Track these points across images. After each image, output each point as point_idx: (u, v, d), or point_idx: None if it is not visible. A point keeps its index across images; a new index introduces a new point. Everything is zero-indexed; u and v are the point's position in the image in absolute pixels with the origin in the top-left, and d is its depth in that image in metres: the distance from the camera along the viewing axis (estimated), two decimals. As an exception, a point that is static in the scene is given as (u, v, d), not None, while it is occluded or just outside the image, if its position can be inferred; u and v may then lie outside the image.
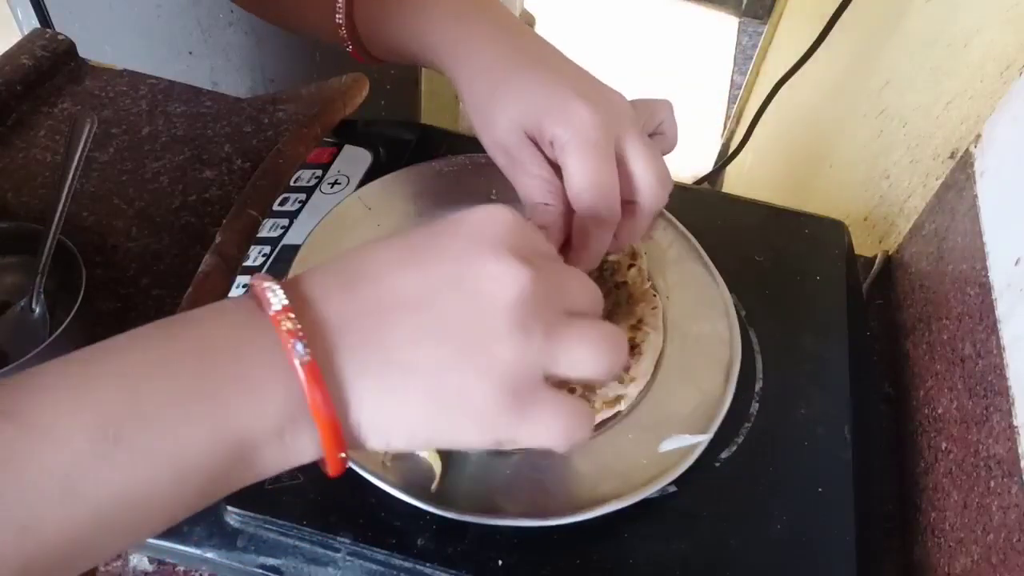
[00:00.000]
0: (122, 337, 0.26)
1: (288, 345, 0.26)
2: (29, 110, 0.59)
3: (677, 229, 0.53)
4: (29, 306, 0.46)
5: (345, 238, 0.49)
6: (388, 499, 0.38)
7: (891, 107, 0.79)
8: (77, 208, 0.53)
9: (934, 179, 0.62)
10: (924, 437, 0.50)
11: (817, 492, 0.42)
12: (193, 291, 0.45)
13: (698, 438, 0.41)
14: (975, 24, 0.63)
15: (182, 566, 0.41)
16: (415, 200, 0.52)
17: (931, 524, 0.46)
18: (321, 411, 0.26)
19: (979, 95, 0.59)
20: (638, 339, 0.44)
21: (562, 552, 0.38)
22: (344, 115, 0.59)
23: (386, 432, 0.28)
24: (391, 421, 0.28)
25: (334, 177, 0.57)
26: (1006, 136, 0.50)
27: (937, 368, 0.51)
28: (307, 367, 0.25)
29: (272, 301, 0.26)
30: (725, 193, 0.72)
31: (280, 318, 0.26)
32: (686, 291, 0.49)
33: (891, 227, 0.69)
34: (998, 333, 0.44)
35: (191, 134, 0.60)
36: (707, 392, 0.44)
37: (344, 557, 0.39)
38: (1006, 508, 0.39)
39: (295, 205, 0.55)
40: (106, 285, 0.50)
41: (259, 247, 0.52)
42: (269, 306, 0.26)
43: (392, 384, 0.27)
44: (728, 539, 0.40)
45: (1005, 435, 0.40)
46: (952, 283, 0.52)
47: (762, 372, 0.47)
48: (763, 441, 0.44)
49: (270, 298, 0.26)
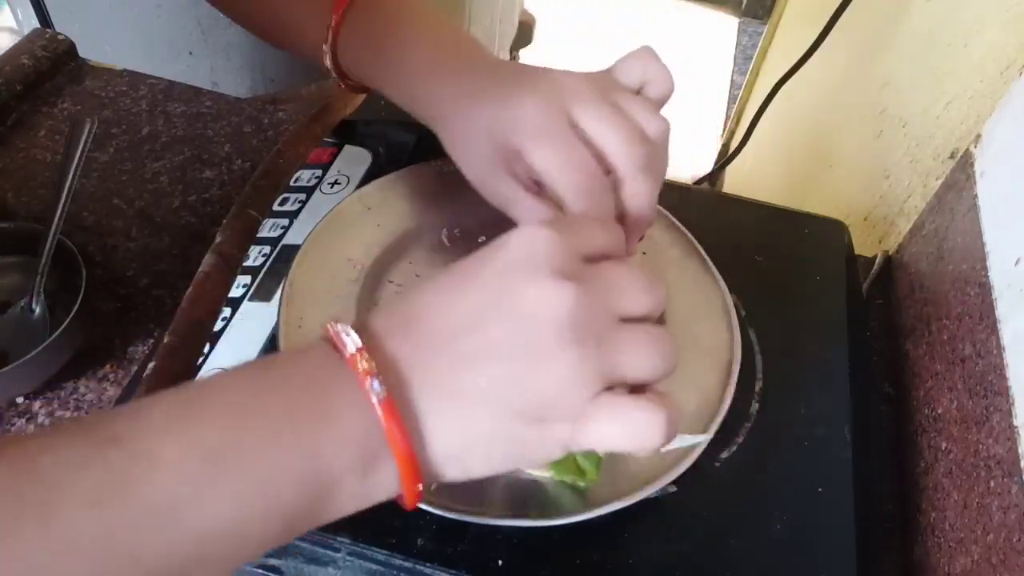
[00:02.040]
0: (222, 374, 0.28)
1: (365, 384, 0.27)
2: (29, 110, 0.60)
3: (677, 229, 0.53)
4: (29, 306, 0.46)
5: (345, 238, 0.49)
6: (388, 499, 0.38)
7: (891, 107, 0.79)
8: (77, 208, 0.54)
9: (934, 179, 0.62)
10: (924, 437, 0.50)
11: (817, 492, 0.42)
12: (193, 291, 0.45)
13: (698, 438, 0.41)
14: (975, 24, 0.63)
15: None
16: (415, 200, 0.52)
17: (931, 524, 0.46)
18: (399, 444, 0.27)
19: (979, 95, 0.59)
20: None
21: (562, 552, 0.38)
22: (344, 115, 0.59)
23: (461, 459, 0.29)
24: (463, 448, 0.29)
25: (334, 177, 0.57)
26: (1006, 136, 0.50)
27: (937, 368, 0.51)
28: (384, 403, 0.27)
29: (347, 343, 0.28)
30: (725, 193, 0.72)
31: (356, 358, 0.27)
32: (686, 291, 0.49)
33: (891, 227, 0.69)
34: (998, 333, 0.44)
35: (191, 134, 0.60)
36: (707, 392, 0.44)
37: (344, 557, 0.39)
38: (1006, 508, 0.39)
39: (295, 205, 0.55)
40: (106, 285, 0.50)
41: (259, 247, 0.52)
42: (345, 348, 0.28)
43: (458, 412, 0.28)
44: (728, 539, 0.40)
45: (1005, 435, 0.40)
46: (952, 283, 0.52)
47: (762, 372, 0.47)
48: (763, 441, 0.44)
49: (345, 340, 0.28)
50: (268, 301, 0.49)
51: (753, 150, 0.99)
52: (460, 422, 0.28)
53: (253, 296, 0.49)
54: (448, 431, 0.28)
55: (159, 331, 0.48)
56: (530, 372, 0.28)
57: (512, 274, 0.29)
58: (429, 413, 0.28)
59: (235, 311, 0.49)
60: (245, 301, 0.49)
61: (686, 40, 2.55)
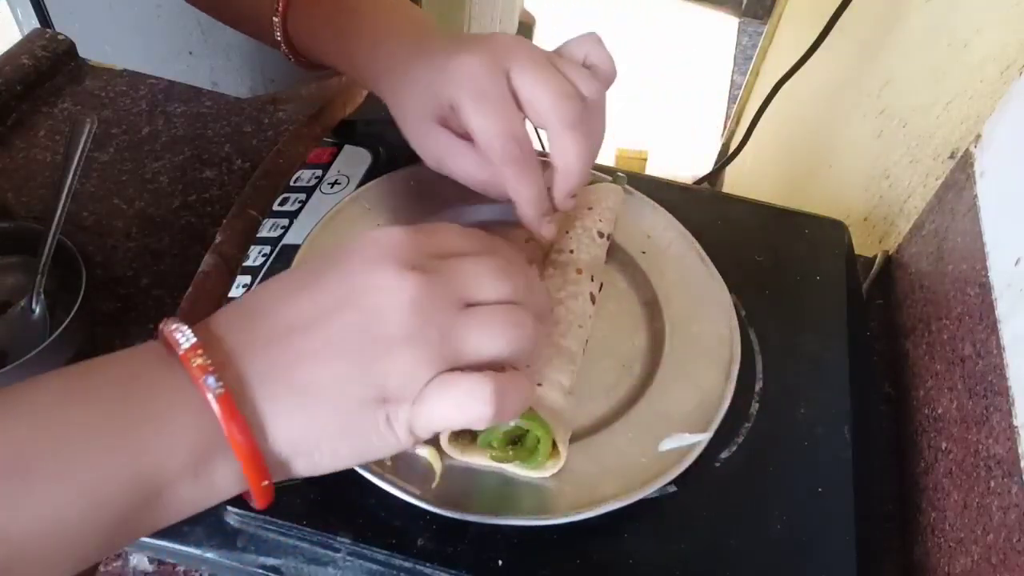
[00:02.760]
0: (39, 376, 0.27)
1: (200, 380, 0.26)
2: (29, 110, 0.60)
3: (677, 229, 0.53)
4: (29, 306, 0.46)
5: (345, 238, 0.48)
6: (388, 499, 0.38)
7: (891, 107, 0.79)
8: (77, 208, 0.54)
9: (934, 179, 0.62)
10: (924, 437, 0.50)
11: (817, 492, 0.42)
12: (193, 291, 0.45)
13: (698, 437, 0.41)
14: (975, 24, 0.63)
15: (182, 566, 0.41)
16: (415, 200, 0.52)
17: (931, 524, 0.46)
18: (239, 440, 0.27)
19: (979, 95, 0.59)
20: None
21: (562, 552, 0.38)
22: (344, 115, 0.59)
23: (307, 453, 0.29)
24: (307, 441, 0.28)
25: (334, 177, 0.57)
26: (1006, 136, 0.50)
27: (937, 368, 0.51)
28: (221, 398, 0.26)
29: (180, 341, 0.27)
30: (725, 193, 0.72)
31: (190, 355, 0.27)
32: (686, 291, 0.49)
33: (891, 227, 0.69)
34: (998, 333, 0.44)
35: (191, 134, 0.60)
36: (707, 391, 0.44)
37: (344, 557, 0.39)
38: (1006, 508, 0.39)
39: (295, 205, 0.55)
40: (106, 285, 0.50)
41: (259, 247, 0.52)
42: (178, 346, 0.27)
43: (299, 404, 0.28)
44: (728, 539, 0.40)
45: (1005, 435, 0.40)
46: (952, 283, 0.52)
47: (762, 372, 0.47)
48: (763, 441, 0.44)
49: (179, 338, 0.27)
50: (268, 301, 0.49)
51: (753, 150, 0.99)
52: (303, 417, 0.28)
53: (253, 296, 0.49)
54: (291, 426, 0.28)
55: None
56: (373, 363, 0.28)
57: (359, 267, 0.29)
58: (271, 408, 0.28)
59: (235, 311, 0.49)
60: (245, 301, 0.49)
61: (686, 40, 2.55)
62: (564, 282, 0.44)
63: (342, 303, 0.29)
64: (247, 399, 0.27)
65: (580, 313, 0.43)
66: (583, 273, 0.45)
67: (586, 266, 0.45)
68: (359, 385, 0.28)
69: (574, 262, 0.46)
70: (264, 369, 0.28)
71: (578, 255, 0.46)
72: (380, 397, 0.28)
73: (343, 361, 0.28)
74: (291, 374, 0.28)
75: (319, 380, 0.28)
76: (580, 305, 0.44)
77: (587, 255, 0.46)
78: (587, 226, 0.48)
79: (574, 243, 0.47)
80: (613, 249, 0.51)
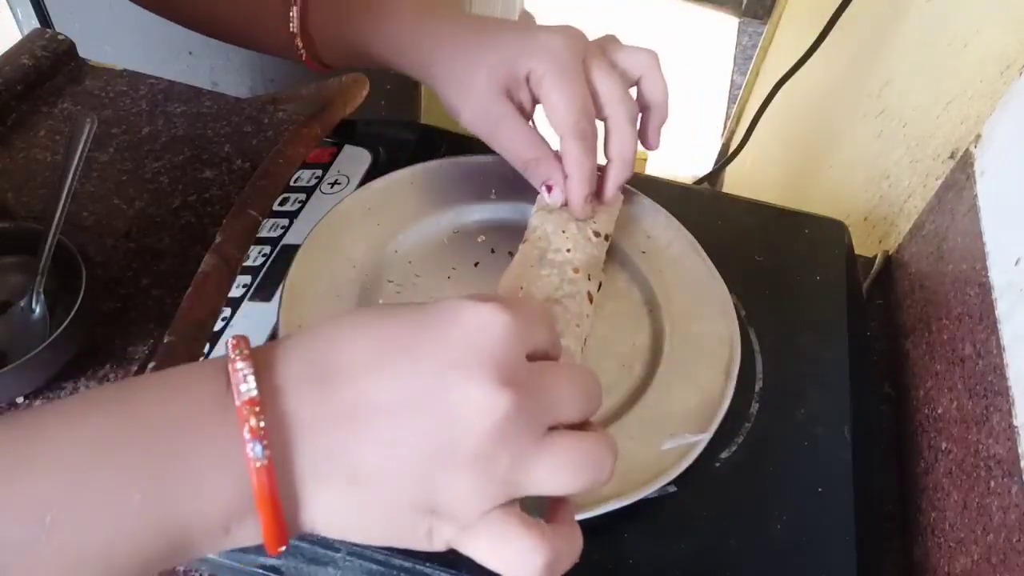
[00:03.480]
0: (76, 402, 0.25)
1: (247, 446, 0.24)
2: (29, 110, 0.59)
3: (677, 229, 0.53)
4: (29, 306, 0.46)
5: (345, 238, 0.49)
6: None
7: (891, 107, 0.79)
8: (77, 208, 0.53)
9: (934, 179, 0.62)
10: (924, 437, 0.50)
11: (817, 492, 0.42)
12: (193, 291, 0.45)
13: (698, 437, 0.41)
14: (975, 24, 0.63)
15: (182, 566, 0.41)
16: (415, 200, 0.52)
17: (931, 524, 0.46)
18: (269, 510, 0.25)
19: (979, 95, 0.59)
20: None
21: (562, 552, 0.38)
22: (344, 115, 0.59)
23: (340, 533, 0.27)
24: (345, 525, 0.27)
25: (334, 177, 0.57)
26: (1006, 136, 0.50)
27: (937, 368, 0.51)
28: (262, 470, 0.25)
29: (242, 389, 0.25)
30: (725, 193, 0.72)
31: (245, 411, 0.25)
32: (686, 291, 0.49)
33: (891, 227, 0.69)
34: (998, 333, 0.44)
35: (191, 134, 0.60)
36: (707, 391, 0.44)
37: (344, 557, 0.39)
38: (1006, 508, 0.39)
39: (295, 205, 0.55)
40: (106, 285, 0.50)
41: (259, 247, 0.52)
42: (238, 395, 0.25)
43: (351, 491, 0.26)
44: (728, 539, 0.40)
45: (1005, 435, 0.40)
46: (952, 283, 0.52)
47: (762, 372, 0.47)
48: (763, 441, 0.44)
49: (240, 386, 0.25)
50: (268, 301, 0.49)
51: (753, 150, 0.99)
52: (351, 504, 0.26)
53: (253, 296, 0.49)
54: (334, 510, 0.26)
55: (159, 331, 0.48)
56: (436, 472, 0.26)
57: (460, 365, 0.26)
58: (319, 488, 0.26)
59: (235, 311, 0.49)
60: (245, 301, 0.49)
61: (686, 40, 2.55)
62: (561, 281, 0.44)
63: (429, 399, 0.26)
64: (294, 468, 0.26)
65: (577, 312, 0.43)
66: (580, 273, 0.45)
67: (583, 265, 0.45)
68: (417, 489, 0.26)
69: (570, 261, 0.46)
70: (323, 448, 0.26)
71: (574, 254, 0.46)
72: (431, 508, 0.27)
73: (410, 461, 0.26)
74: (353, 460, 0.26)
75: (381, 474, 0.26)
76: (577, 304, 0.44)
77: (583, 254, 0.46)
78: (582, 226, 0.48)
79: (570, 243, 0.47)
80: (613, 249, 0.51)
